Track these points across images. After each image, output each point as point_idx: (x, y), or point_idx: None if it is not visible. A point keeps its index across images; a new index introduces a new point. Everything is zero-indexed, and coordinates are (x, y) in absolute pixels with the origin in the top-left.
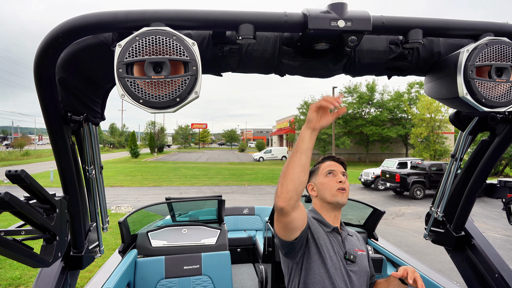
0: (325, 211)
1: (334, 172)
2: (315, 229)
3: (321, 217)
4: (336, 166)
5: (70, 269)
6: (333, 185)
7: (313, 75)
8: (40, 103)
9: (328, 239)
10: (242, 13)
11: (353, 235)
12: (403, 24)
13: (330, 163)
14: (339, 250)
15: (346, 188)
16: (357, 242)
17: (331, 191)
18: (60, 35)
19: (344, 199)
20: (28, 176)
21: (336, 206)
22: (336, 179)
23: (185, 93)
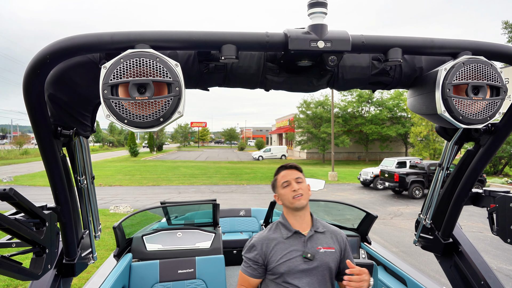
0: (290, 215)
1: (288, 182)
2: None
3: (286, 221)
4: (289, 175)
5: (63, 276)
6: (289, 194)
7: (297, 90)
8: (30, 119)
9: (283, 246)
10: (225, 34)
11: (326, 232)
12: (382, 43)
13: (283, 173)
14: (297, 251)
15: (302, 193)
16: (327, 239)
17: (289, 200)
18: (47, 56)
19: (301, 203)
20: (17, 194)
21: (297, 209)
22: (290, 188)
23: (168, 113)
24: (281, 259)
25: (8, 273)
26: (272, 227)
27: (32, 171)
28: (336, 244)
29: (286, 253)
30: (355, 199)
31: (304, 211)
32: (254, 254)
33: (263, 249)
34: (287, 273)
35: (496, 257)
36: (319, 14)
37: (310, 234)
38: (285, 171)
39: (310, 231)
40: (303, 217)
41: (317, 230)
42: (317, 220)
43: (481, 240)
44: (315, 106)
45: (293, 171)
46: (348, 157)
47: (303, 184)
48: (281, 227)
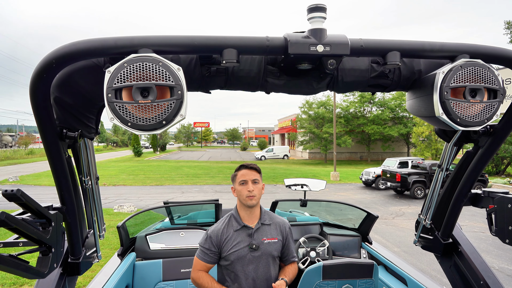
0: (242, 209)
1: (245, 182)
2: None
3: (237, 215)
4: (248, 175)
5: (68, 275)
6: (244, 192)
7: (297, 92)
8: (36, 121)
9: (233, 237)
10: (226, 38)
11: (272, 224)
12: (381, 46)
13: (243, 172)
14: (245, 242)
15: (255, 194)
16: (271, 231)
17: (243, 197)
18: (53, 61)
19: (252, 203)
20: (24, 195)
21: (248, 207)
22: (246, 188)
23: (171, 116)
24: (231, 249)
25: (16, 271)
26: (225, 220)
27: (37, 171)
28: (279, 235)
29: (235, 244)
30: (357, 199)
31: (254, 208)
32: (209, 244)
33: (217, 240)
34: (235, 260)
35: (498, 257)
36: (319, 18)
37: (257, 227)
38: (245, 170)
39: (258, 223)
40: (253, 211)
41: (264, 222)
42: (265, 212)
43: (483, 240)
44: (317, 107)
45: (252, 172)
46: (350, 157)
47: (258, 185)
48: (232, 220)
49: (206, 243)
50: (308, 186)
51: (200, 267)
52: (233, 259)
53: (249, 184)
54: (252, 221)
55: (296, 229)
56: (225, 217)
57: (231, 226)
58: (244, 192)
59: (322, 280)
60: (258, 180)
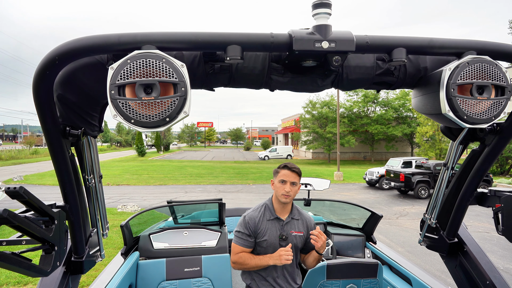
0: (276, 202)
1: (285, 182)
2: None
3: (272, 206)
4: (289, 176)
5: (72, 274)
6: (281, 191)
7: (302, 90)
8: (39, 119)
9: (267, 226)
10: (230, 35)
11: (300, 219)
12: (386, 43)
13: (285, 172)
14: (277, 231)
15: (290, 195)
16: (299, 225)
17: (279, 194)
18: (56, 58)
19: (286, 201)
20: (27, 192)
21: (282, 203)
22: (284, 187)
23: (174, 113)
24: (264, 236)
25: (18, 269)
26: (261, 209)
27: (41, 171)
28: (305, 229)
29: (268, 232)
30: (360, 199)
31: (287, 204)
32: (247, 229)
33: (254, 225)
34: (268, 247)
35: (503, 258)
36: (323, 14)
37: (287, 220)
38: (287, 171)
39: (288, 217)
40: (286, 206)
41: (294, 217)
42: (295, 208)
43: (488, 240)
44: (321, 106)
45: (293, 174)
46: (353, 157)
47: (295, 187)
48: (267, 210)
49: (243, 228)
50: (312, 185)
51: (238, 251)
52: (265, 245)
53: (287, 184)
54: (284, 214)
55: None
56: (260, 206)
57: (265, 216)
58: (281, 191)
59: (326, 279)
60: (297, 183)
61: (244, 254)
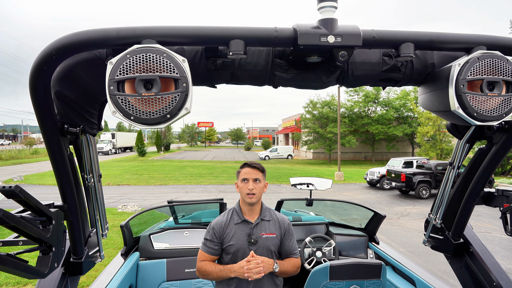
0: (243, 204)
1: (247, 180)
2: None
3: (239, 208)
4: (250, 174)
5: (71, 274)
6: (245, 190)
7: (306, 87)
8: (37, 116)
9: (234, 230)
10: (233, 29)
11: (272, 220)
12: (394, 38)
13: (245, 170)
14: (245, 235)
15: (255, 193)
16: (270, 226)
17: (243, 194)
18: (53, 52)
19: (251, 201)
20: (23, 191)
21: (248, 204)
22: (247, 186)
23: (175, 110)
24: (231, 241)
25: (14, 271)
26: (228, 213)
27: (41, 171)
28: (277, 230)
29: (235, 236)
30: (361, 199)
31: (255, 204)
32: (212, 236)
33: (220, 231)
34: (235, 253)
35: (505, 258)
36: (329, 8)
37: (256, 222)
38: (248, 168)
39: (257, 219)
40: (254, 208)
41: (264, 218)
42: (266, 209)
43: (489, 241)
44: (322, 106)
45: (254, 170)
46: (354, 157)
47: (259, 184)
48: (234, 213)
49: (209, 235)
50: (314, 185)
51: (203, 259)
52: (232, 251)
53: (250, 182)
54: (253, 217)
55: (302, 229)
56: (228, 211)
57: (233, 220)
58: (244, 190)
59: (329, 280)
60: (260, 179)
61: (207, 262)
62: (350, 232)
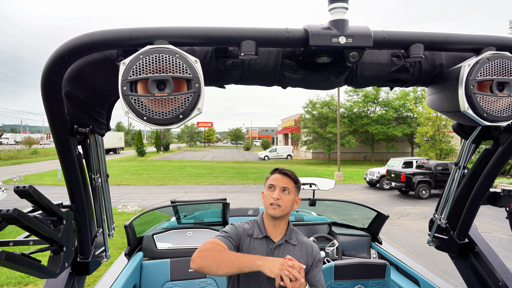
0: (267, 218)
1: (274, 187)
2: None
3: (262, 222)
4: (278, 181)
5: (77, 274)
6: (268, 199)
7: (315, 87)
8: (47, 116)
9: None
10: (244, 30)
11: (298, 245)
12: (404, 39)
13: (275, 176)
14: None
15: (280, 205)
16: (296, 252)
17: (266, 204)
18: (66, 53)
19: (275, 213)
20: (36, 191)
21: (272, 217)
22: (272, 194)
23: (188, 110)
24: None
25: (28, 270)
26: (250, 223)
27: (41, 171)
28: (304, 258)
29: (252, 252)
30: (361, 199)
31: (279, 220)
32: (233, 231)
33: (239, 233)
34: (250, 274)
35: (506, 258)
36: (340, 9)
37: (279, 243)
38: (278, 175)
39: (281, 239)
40: (278, 224)
41: (289, 240)
42: (293, 231)
43: (489, 241)
44: (321, 106)
45: (285, 178)
46: (354, 157)
47: (287, 196)
48: (256, 226)
49: (229, 229)
50: (316, 185)
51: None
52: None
53: (277, 190)
54: (276, 236)
55: (304, 229)
56: (250, 222)
57: (254, 233)
58: (268, 199)
59: (334, 280)
60: (290, 190)
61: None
62: (353, 232)
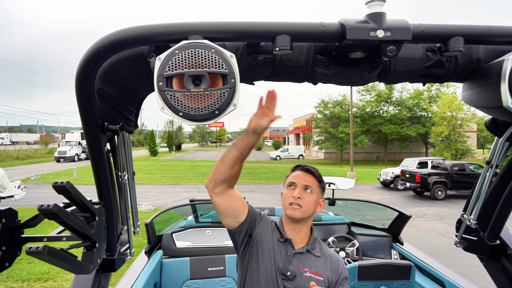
0: (286, 221)
1: (295, 185)
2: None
3: (281, 225)
4: (299, 178)
5: (103, 271)
6: (288, 198)
7: (346, 83)
8: (80, 114)
9: (273, 246)
10: (279, 24)
11: (322, 257)
12: (443, 32)
13: (296, 173)
14: (280, 261)
15: (301, 205)
16: (318, 264)
17: (285, 204)
18: (101, 49)
19: (295, 214)
20: (72, 187)
21: (291, 220)
22: (292, 193)
23: (224, 106)
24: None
25: (66, 265)
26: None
27: (57, 170)
28: (328, 273)
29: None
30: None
31: (300, 224)
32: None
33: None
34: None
35: None
36: (378, 1)
37: (300, 251)
38: (300, 172)
39: (303, 248)
40: (299, 229)
41: (312, 251)
42: (317, 240)
43: None
44: (333, 106)
45: (307, 176)
46: (366, 157)
47: (310, 196)
48: (275, 229)
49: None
50: (335, 184)
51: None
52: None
53: (297, 189)
54: (296, 242)
55: (323, 229)
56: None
57: (275, 234)
58: (288, 198)
59: (357, 281)
60: (313, 189)
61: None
62: (373, 233)
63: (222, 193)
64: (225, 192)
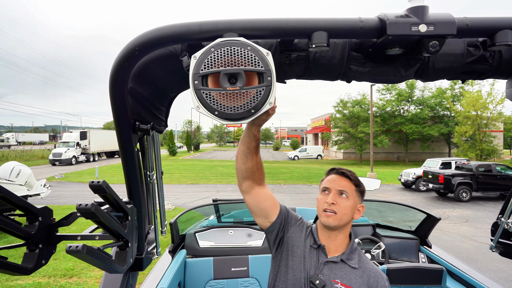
0: (320, 228)
1: (329, 190)
2: (294, 235)
3: (316, 231)
4: (334, 182)
5: (131, 270)
6: (322, 204)
7: (382, 81)
8: (113, 113)
9: (305, 252)
10: (315, 21)
11: (360, 269)
12: (490, 25)
13: (330, 177)
14: (310, 269)
15: (336, 211)
16: (353, 276)
17: (319, 210)
18: (136, 48)
19: (329, 221)
20: (108, 186)
21: (325, 227)
22: (325, 198)
23: (260, 104)
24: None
25: (102, 264)
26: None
27: (80, 169)
28: (362, 287)
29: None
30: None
31: (335, 232)
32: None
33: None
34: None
35: None
36: None
37: (333, 260)
38: (334, 176)
39: (337, 257)
40: (334, 237)
41: (348, 261)
42: (356, 251)
43: None
44: (352, 105)
45: (343, 180)
46: (386, 157)
47: (345, 202)
48: (310, 234)
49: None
50: None
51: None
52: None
53: (332, 194)
54: (330, 250)
55: None
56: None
57: (308, 239)
58: (322, 204)
59: None
60: (349, 194)
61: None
62: (399, 235)
63: (249, 191)
64: (252, 190)
